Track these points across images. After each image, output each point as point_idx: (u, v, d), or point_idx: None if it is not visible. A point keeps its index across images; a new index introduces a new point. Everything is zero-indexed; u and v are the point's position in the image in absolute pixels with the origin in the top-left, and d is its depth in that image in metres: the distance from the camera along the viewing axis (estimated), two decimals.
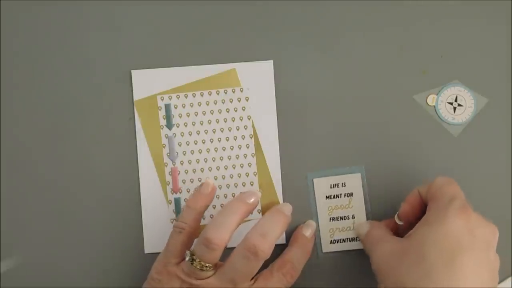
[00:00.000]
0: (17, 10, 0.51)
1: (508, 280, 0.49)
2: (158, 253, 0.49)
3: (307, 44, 0.51)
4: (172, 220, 0.50)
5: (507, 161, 0.51)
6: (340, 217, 0.49)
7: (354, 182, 0.49)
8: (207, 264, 0.42)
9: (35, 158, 0.50)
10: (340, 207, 0.49)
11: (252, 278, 0.44)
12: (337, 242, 0.49)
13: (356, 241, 0.49)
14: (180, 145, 0.50)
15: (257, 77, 0.50)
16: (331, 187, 0.49)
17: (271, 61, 0.51)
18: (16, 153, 0.50)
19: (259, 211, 0.50)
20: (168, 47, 0.51)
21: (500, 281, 0.49)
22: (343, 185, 0.49)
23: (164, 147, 0.50)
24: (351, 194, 0.49)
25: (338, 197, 0.49)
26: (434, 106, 0.51)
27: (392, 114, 0.51)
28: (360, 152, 0.50)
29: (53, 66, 0.51)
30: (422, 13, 0.51)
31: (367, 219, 0.49)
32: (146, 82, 0.50)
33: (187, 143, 0.50)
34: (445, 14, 0.51)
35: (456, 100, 0.51)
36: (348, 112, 0.51)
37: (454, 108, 0.51)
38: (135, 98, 0.50)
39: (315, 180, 0.49)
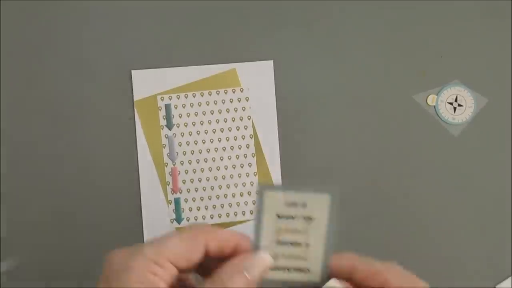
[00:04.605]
0: (17, 11, 0.51)
1: (508, 280, 0.49)
2: None
3: (307, 44, 0.51)
4: (172, 220, 0.50)
5: (507, 161, 0.51)
6: (290, 243, 0.37)
7: (318, 205, 0.36)
8: None
9: (35, 158, 0.50)
10: (293, 232, 0.37)
11: None
12: (280, 270, 0.37)
13: (304, 272, 0.36)
14: (180, 145, 0.50)
15: (257, 77, 0.50)
16: (286, 206, 0.37)
17: (271, 61, 0.51)
18: (16, 153, 0.50)
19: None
20: (168, 47, 0.51)
21: (500, 281, 0.49)
22: (304, 205, 0.36)
23: (164, 147, 0.50)
24: (311, 218, 0.37)
25: (293, 219, 0.37)
26: (434, 106, 0.51)
27: (392, 114, 0.51)
28: (360, 151, 0.50)
29: (53, 66, 0.51)
30: (422, 13, 0.51)
31: (326, 254, 0.36)
32: (146, 82, 0.50)
33: (187, 143, 0.50)
34: (445, 14, 0.51)
35: (456, 100, 0.51)
36: (348, 112, 0.51)
37: (454, 108, 0.51)
38: (135, 98, 0.50)
39: (267, 193, 0.36)
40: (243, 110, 0.50)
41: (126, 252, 0.34)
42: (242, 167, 0.50)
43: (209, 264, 0.35)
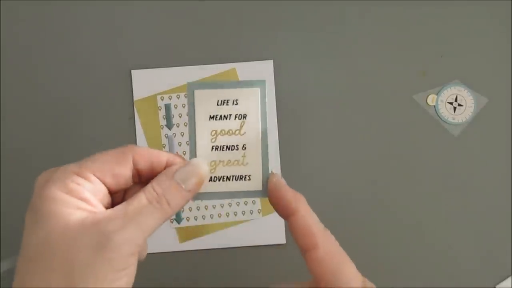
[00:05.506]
0: (17, 11, 0.51)
1: (508, 280, 0.49)
2: (158, 253, 0.49)
3: (307, 44, 0.51)
4: (172, 220, 0.50)
5: (507, 161, 0.51)
6: (227, 147, 0.36)
7: (250, 100, 0.36)
8: None
9: (35, 157, 0.50)
10: (228, 133, 0.36)
11: None
12: (220, 179, 0.35)
13: (245, 180, 0.35)
14: (180, 145, 0.50)
15: (257, 77, 0.50)
16: (218, 104, 0.36)
17: (271, 61, 0.51)
18: (16, 153, 0.50)
19: (259, 210, 0.50)
20: (168, 47, 0.51)
21: (500, 281, 0.49)
22: (235, 103, 0.36)
23: (164, 147, 0.50)
24: (245, 117, 0.36)
25: (227, 119, 0.36)
26: (434, 106, 0.51)
27: (392, 114, 0.51)
28: (360, 151, 0.50)
29: (53, 66, 0.51)
30: (422, 13, 0.51)
31: (264, 156, 0.36)
32: (146, 82, 0.50)
33: (187, 143, 0.50)
34: (445, 14, 0.51)
35: (456, 100, 0.51)
36: (348, 112, 0.51)
37: (454, 108, 0.51)
38: (135, 98, 0.50)
39: (196, 92, 0.35)
40: None
41: (50, 170, 0.32)
42: None
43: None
